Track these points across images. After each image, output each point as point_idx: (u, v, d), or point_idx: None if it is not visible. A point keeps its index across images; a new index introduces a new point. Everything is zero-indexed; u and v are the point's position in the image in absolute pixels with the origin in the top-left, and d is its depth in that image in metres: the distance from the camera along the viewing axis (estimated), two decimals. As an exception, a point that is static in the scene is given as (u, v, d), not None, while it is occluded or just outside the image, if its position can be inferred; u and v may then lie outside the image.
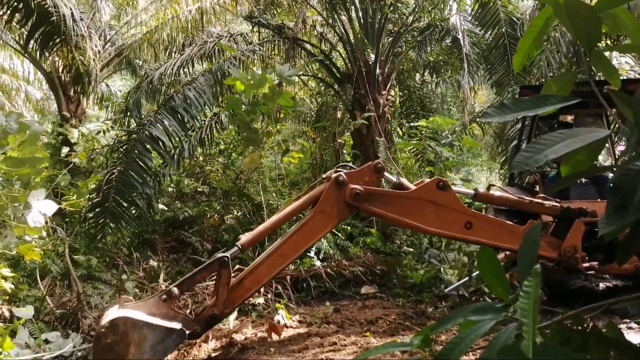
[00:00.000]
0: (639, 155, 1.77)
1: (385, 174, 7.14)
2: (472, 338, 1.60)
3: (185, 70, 14.33)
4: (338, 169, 7.12)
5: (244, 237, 6.97)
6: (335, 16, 15.14)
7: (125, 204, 11.16)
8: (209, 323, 6.44)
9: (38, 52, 14.03)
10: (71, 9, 12.91)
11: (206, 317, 6.34)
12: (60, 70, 16.11)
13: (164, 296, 6.11)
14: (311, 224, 6.77)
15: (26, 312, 7.37)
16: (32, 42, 13.60)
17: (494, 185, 8.08)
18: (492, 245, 7.05)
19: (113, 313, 5.90)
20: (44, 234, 9.83)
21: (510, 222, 7.32)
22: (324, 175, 7.31)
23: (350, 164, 7.42)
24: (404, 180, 7.27)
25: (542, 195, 8.03)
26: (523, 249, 1.78)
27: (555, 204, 7.71)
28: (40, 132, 6.58)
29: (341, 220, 7.48)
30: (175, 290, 6.18)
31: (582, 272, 7.81)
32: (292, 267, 11.12)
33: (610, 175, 9.58)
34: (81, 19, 13.63)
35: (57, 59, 15.66)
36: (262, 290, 9.86)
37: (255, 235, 7.03)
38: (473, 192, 7.55)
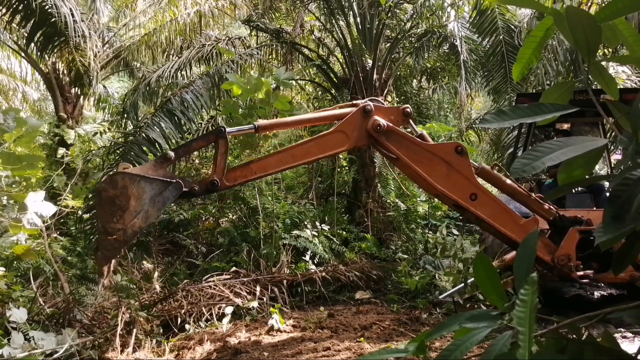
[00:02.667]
0: (637, 165, 1.77)
1: (411, 121, 7.32)
2: (467, 345, 1.59)
3: (183, 73, 14.34)
4: (368, 100, 7.28)
5: (262, 120, 7.21)
6: (333, 21, 15.17)
7: (120, 206, 11.14)
8: (209, 188, 6.56)
9: (38, 53, 14.00)
10: (71, 9, 12.89)
11: (206, 182, 6.51)
12: (61, 71, 16.11)
13: (160, 159, 6.32)
14: (328, 138, 6.98)
15: (20, 314, 7.33)
16: (32, 43, 13.59)
17: (498, 166, 8.03)
18: (491, 225, 7.19)
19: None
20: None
21: (514, 211, 7.34)
22: (353, 102, 7.54)
23: (381, 100, 7.55)
24: (426, 134, 7.34)
25: (539, 195, 8.01)
26: (520, 256, 1.77)
27: (552, 207, 7.72)
28: (38, 127, 6.56)
29: (356, 147, 7.59)
30: (171, 153, 6.35)
31: (576, 280, 7.80)
32: (288, 271, 11.12)
33: (607, 184, 9.60)
34: (82, 20, 13.62)
35: (56, 60, 15.65)
36: (257, 293, 9.87)
37: (273, 123, 7.36)
38: (477, 165, 7.49)
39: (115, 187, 5.91)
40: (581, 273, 7.68)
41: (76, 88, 15.49)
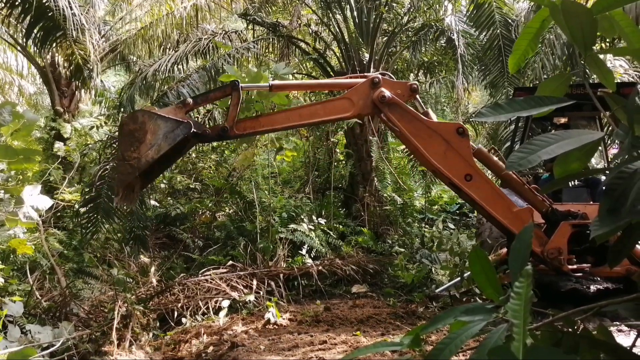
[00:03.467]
0: (632, 158, 1.76)
1: (418, 98, 7.60)
2: (462, 339, 1.59)
3: (179, 66, 14.29)
4: (378, 74, 7.63)
5: (276, 81, 7.80)
6: (330, 15, 15.14)
7: (117, 200, 11.09)
8: (220, 134, 7.22)
9: (37, 48, 13.96)
10: (69, 2, 12.86)
11: (218, 128, 7.22)
12: (60, 65, 16.07)
13: (180, 104, 7.18)
14: (335, 103, 7.54)
15: (17, 308, 7.33)
16: (31, 37, 13.55)
17: (495, 150, 8.11)
18: (483, 208, 7.33)
19: None
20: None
21: (510, 198, 7.44)
22: (364, 74, 8.18)
23: (390, 74, 7.92)
24: (431, 113, 7.59)
25: (535, 186, 8.05)
26: (515, 249, 1.77)
27: (546, 200, 7.74)
28: (34, 121, 6.56)
29: (360, 115, 7.90)
30: (190, 100, 7.17)
31: (568, 273, 7.83)
32: (285, 265, 11.13)
33: (603, 177, 9.60)
34: (80, 14, 13.57)
35: (55, 53, 15.61)
36: (253, 287, 9.88)
37: (287, 84, 8.13)
38: (475, 146, 7.60)
39: (135, 122, 6.78)
40: (574, 267, 7.71)
41: (77, 81, 15.45)
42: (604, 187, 1.83)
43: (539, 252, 7.45)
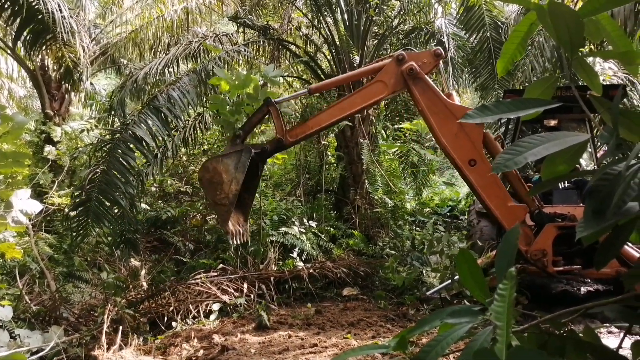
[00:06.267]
0: (617, 160, 1.77)
1: (445, 76, 8.38)
2: (449, 341, 1.59)
3: (170, 70, 14.25)
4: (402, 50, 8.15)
5: (314, 85, 8.71)
6: (321, 18, 15.12)
7: (107, 203, 11.04)
8: (277, 146, 8.06)
9: (27, 50, 13.92)
10: (59, 5, 12.82)
11: (274, 142, 7.99)
12: (50, 68, 16.02)
13: (234, 138, 7.96)
14: (370, 89, 7.98)
15: (6, 312, 7.29)
16: (19, 40, 13.51)
17: (500, 139, 8.30)
18: (477, 194, 7.70)
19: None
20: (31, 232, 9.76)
21: (507, 193, 7.72)
22: (390, 54, 8.79)
23: (412, 48, 8.33)
24: (455, 94, 8.08)
25: (529, 184, 8.20)
26: (502, 250, 1.77)
27: (537, 200, 7.85)
28: (24, 124, 6.53)
29: (394, 92, 8.23)
30: (240, 131, 7.98)
31: (554, 275, 7.93)
32: (275, 268, 11.12)
33: (591, 179, 9.65)
34: (70, 17, 13.54)
35: (45, 56, 15.57)
36: (244, 290, 9.88)
37: (324, 84, 9.00)
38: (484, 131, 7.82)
39: (208, 171, 7.65)
40: (560, 268, 7.81)
41: (67, 84, 15.41)
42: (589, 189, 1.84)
43: (524, 251, 7.57)
